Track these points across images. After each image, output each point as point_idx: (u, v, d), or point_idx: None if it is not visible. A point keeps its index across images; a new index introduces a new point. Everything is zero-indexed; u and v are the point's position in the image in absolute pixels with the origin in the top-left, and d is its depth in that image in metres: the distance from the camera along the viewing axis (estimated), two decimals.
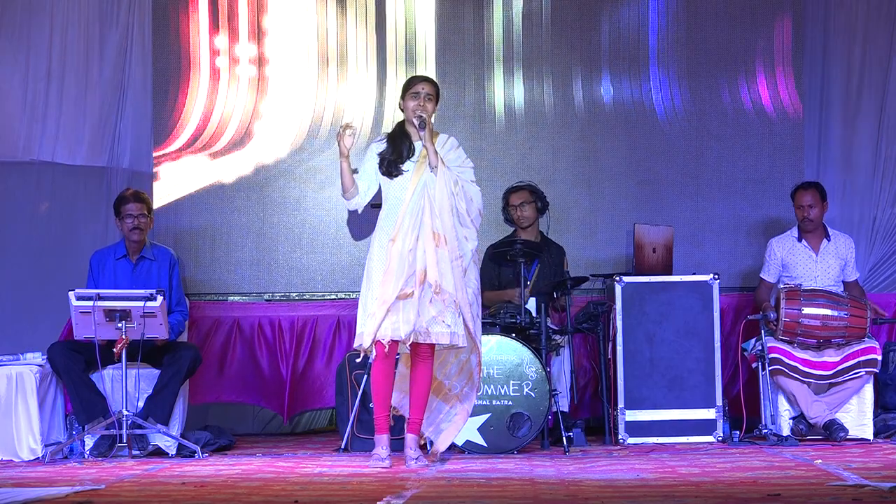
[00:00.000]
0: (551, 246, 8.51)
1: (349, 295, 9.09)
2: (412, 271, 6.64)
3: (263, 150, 9.27)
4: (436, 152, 6.76)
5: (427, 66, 9.16)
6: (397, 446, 6.99)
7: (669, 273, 8.47)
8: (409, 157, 6.84)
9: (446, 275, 6.66)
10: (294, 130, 9.29)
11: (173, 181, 9.21)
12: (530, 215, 8.49)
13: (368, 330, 6.63)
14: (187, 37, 9.25)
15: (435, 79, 7.24)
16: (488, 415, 7.52)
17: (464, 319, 6.70)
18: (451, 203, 6.73)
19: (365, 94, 9.29)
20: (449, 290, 6.63)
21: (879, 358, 8.00)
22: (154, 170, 9.21)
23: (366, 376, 7.70)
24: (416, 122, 6.78)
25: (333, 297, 9.21)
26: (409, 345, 6.71)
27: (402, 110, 6.92)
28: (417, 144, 6.86)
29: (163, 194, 9.16)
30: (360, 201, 6.92)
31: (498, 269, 8.43)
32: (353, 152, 6.83)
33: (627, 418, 8.05)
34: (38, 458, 7.52)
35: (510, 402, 7.53)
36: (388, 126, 8.99)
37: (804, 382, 7.94)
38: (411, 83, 6.91)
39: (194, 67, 9.24)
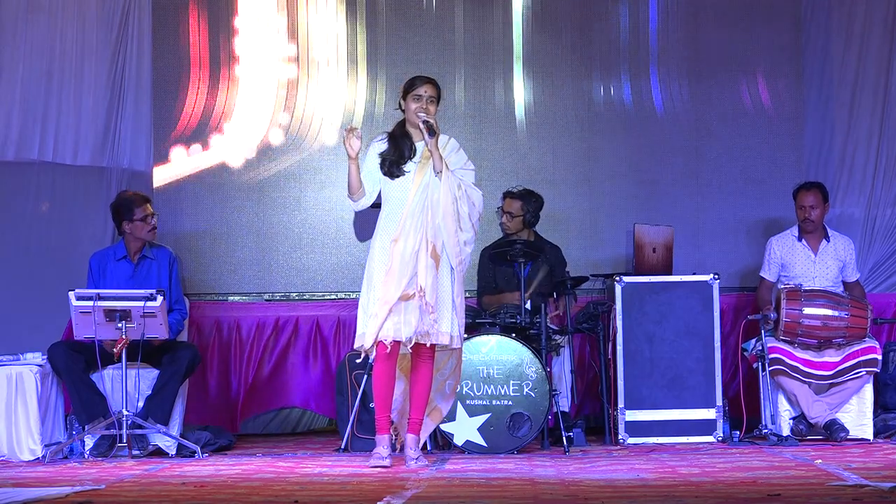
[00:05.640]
0: (546, 245, 8.49)
1: (349, 295, 9.09)
2: (414, 273, 6.64)
3: (263, 150, 9.27)
4: (441, 157, 6.75)
5: (427, 66, 9.15)
6: None
7: (669, 273, 8.47)
8: (410, 158, 6.82)
9: (442, 280, 6.67)
10: (294, 130, 9.29)
11: (173, 181, 9.20)
12: (513, 226, 8.48)
13: (370, 330, 6.63)
14: (187, 37, 9.25)
15: (435, 78, 7.20)
16: (488, 415, 7.52)
17: (459, 322, 6.72)
18: (454, 208, 6.73)
19: (364, 93, 9.28)
20: (433, 297, 6.63)
21: (879, 358, 8.00)
22: (154, 170, 9.21)
23: (366, 376, 7.70)
24: (423, 127, 6.74)
25: (333, 297, 9.21)
26: (411, 346, 6.72)
27: (403, 110, 6.90)
28: (419, 145, 6.84)
29: (162, 194, 9.15)
30: (368, 202, 6.89)
31: (494, 270, 8.43)
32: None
33: (627, 418, 8.05)
34: (38, 458, 7.52)
35: (510, 402, 7.53)
36: (387, 126, 9.01)
37: (805, 382, 7.94)
38: (413, 84, 6.86)
39: (194, 67, 9.24)
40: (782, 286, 8.12)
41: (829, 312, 7.95)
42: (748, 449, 7.54)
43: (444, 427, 7.37)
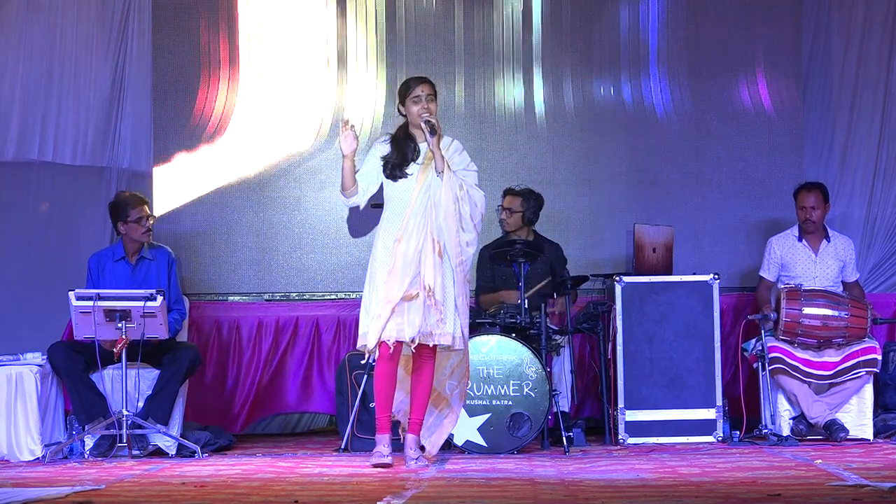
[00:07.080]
0: (545, 244, 8.48)
1: (349, 295, 9.09)
2: (417, 273, 6.64)
3: (263, 150, 9.27)
4: (443, 157, 6.74)
5: (427, 66, 9.16)
6: (397, 446, 6.98)
7: (669, 273, 8.47)
8: (413, 160, 6.82)
9: (446, 281, 6.66)
10: (294, 130, 9.29)
11: (173, 181, 9.21)
12: (512, 223, 8.49)
13: (373, 330, 6.62)
14: (187, 36, 9.25)
15: (434, 78, 7.18)
16: (488, 415, 7.52)
17: (461, 323, 6.72)
18: (456, 208, 6.72)
19: (364, 94, 9.29)
20: (442, 296, 6.62)
21: (879, 358, 8.00)
22: (153, 170, 9.21)
23: (366, 376, 7.70)
24: (425, 127, 6.73)
25: (333, 297, 9.21)
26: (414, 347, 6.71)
27: (404, 114, 6.89)
28: (422, 146, 6.83)
29: (162, 194, 9.15)
30: (359, 200, 6.89)
31: (492, 269, 8.43)
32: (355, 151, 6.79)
33: (627, 418, 8.05)
34: (38, 458, 7.52)
35: (510, 402, 7.53)
36: (387, 126, 9.01)
37: (804, 382, 7.95)
38: (409, 87, 6.84)
39: (194, 67, 9.24)
40: (783, 286, 8.13)
41: (828, 312, 7.95)
42: (748, 449, 7.54)
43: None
